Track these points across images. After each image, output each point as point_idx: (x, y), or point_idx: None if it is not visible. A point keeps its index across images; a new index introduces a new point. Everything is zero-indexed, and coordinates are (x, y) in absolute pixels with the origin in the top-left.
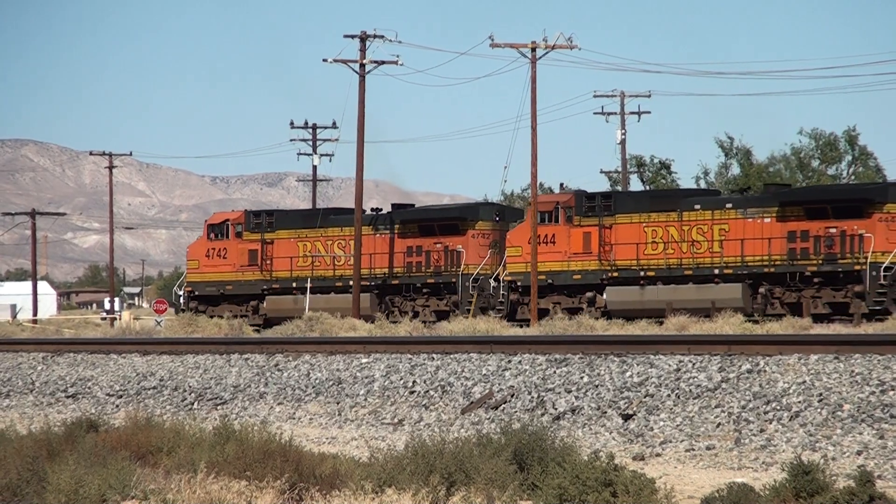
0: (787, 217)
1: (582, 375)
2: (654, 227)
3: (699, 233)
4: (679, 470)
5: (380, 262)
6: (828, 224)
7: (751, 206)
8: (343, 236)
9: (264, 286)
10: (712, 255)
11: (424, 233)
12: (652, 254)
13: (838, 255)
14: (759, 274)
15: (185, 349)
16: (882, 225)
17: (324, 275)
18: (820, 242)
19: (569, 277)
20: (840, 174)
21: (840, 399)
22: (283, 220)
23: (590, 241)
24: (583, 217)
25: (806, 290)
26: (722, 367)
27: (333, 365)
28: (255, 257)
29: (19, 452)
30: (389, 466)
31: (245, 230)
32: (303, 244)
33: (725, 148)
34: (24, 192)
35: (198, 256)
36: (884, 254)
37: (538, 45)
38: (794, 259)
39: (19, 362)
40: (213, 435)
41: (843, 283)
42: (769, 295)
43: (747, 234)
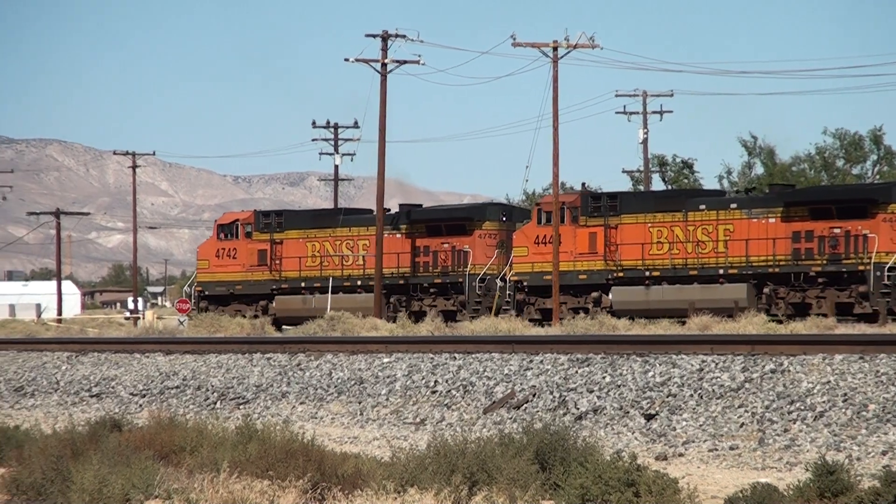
0: (791, 217)
1: (604, 375)
2: (659, 228)
3: (704, 233)
4: (702, 470)
5: (387, 262)
6: (832, 224)
7: (755, 207)
8: (352, 236)
9: (273, 286)
10: (717, 255)
11: (432, 233)
12: (657, 254)
13: (842, 255)
14: (764, 274)
15: (208, 349)
16: (886, 225)
17: (333, 274)
18: (824, 243)
19: (575, 277)
20: (865, 174)
21: (865, 399)
22: (292, 221)
23: (595, 241)
24: (589, 217)
25: (810, 290)
26: (745, 366)
27: (355, 364)
28: (265, 257)
29: (44, 452)
30: (411, 466)
31: (255, 230)
32: (311, 244)
33: (749, 147)
34: (49, 192)
35: (208, 256)
36: (888, 254)
37: (560, 45)
38: (799, 259)
39: (44, 362)
40: (236, 434)
41: (847, 283)
42: (774, 295)
43: (752, 235)
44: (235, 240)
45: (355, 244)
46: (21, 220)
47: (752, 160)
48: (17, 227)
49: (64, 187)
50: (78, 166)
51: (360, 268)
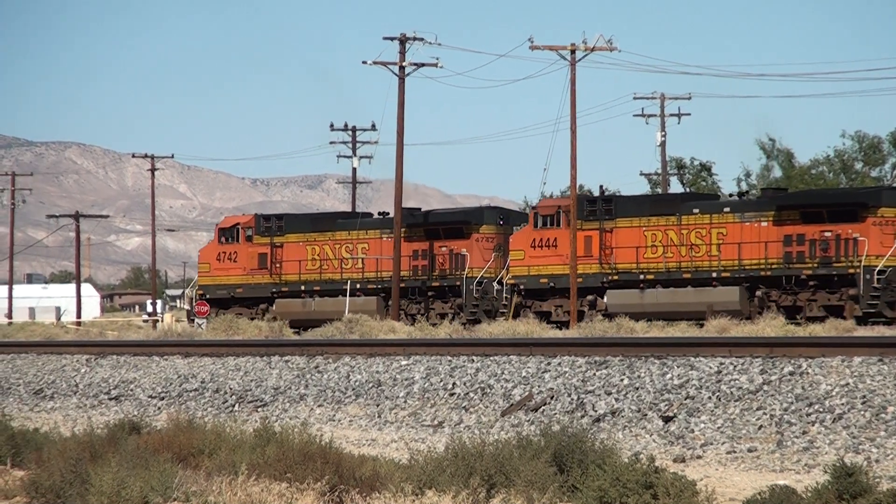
0: (783, 221)
1: (622, 377)
2: (653, 231)
3: (698, 236)
4: (720, 472)
5: (386, 266)
6: (823, 228)
7: (748, 210)
8: (351, 240)
9: (274, 289)
10: (710, 258)
11: (430, 236)
12: (652, 257)
13: (833, 258)
14: (756, 277)
15: (226, 351)
16: (876, 229)
17: (332, 277)
18: (815, 246)
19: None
20: (884, 176)
21: (884, 401)
22: (292, 224)
23: (591, 244)
24: (584, 221)
25: (802, 293)
26: (763, 369)
27: (373, 367)
28: (265, 261)
29: (63, 454)
30: (429, 468)
31: (255, 234)
32: (312, 248)
33: (767, 150)
34: (68, 195)
35: (209, 260)
36: (877, 257)
37: (578, 48)
38: (791, 262)
39: (63, 364)
40: (254, 437)
41: (837, 286)
42: (766, 298)
43: (745, 238)
44: (236, 243)
45: (355, 247)
46: (40, 222)
47: (770, 163)
48: (36, 229)
49: (83, 190)
50: (97, 169)
51: (360, 271)
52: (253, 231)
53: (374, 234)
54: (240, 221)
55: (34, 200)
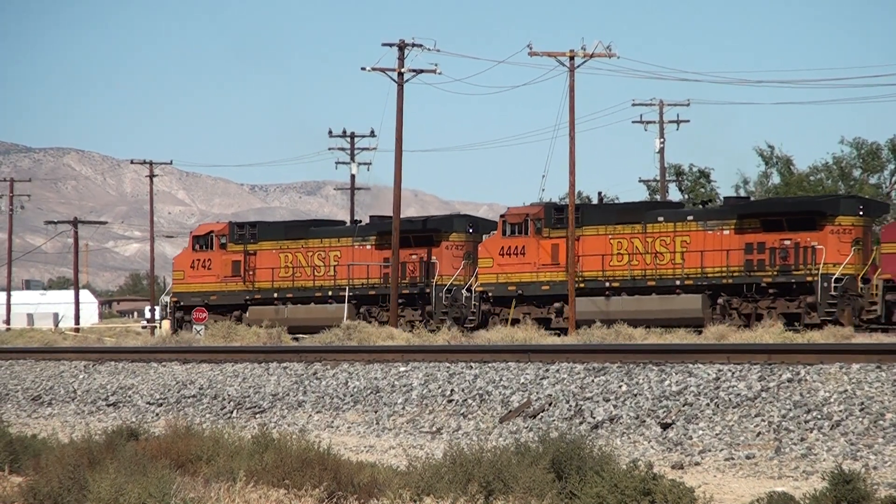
0: (744, 229)
1: (620, 384)
2: (619, 239)
3: (662, 245)
4: (718, 479)
5: (358, 273)
6: (783, 236)
7: (711, 219)
8: (323, 247)
9: (247, 296)
10: (674, 266)
11: (401, 244)
12: (617, 265)
13: (792, 266)
14: (718, 285)
15: (224, 358)
16: (833, 237)
17: (304, 285)
18: (775, 254)
19: (538, 288)
20: (883, 183)
21: (882, 408)
22: (265, 232)
23: (558, 252)
24: (552, 229)
25: (762, 300)
26: (762, 375)
27: (371, 373)
28: (239, 268)
29: (61, 461)
30: (427, 475)
31: (229, 241)
32: (284, 255)
33: (765, 157)
34: (67, 201)
35: (183, 267)
36: (835, 265)
37: (576, 54)
38: (751, 270)
39: (61, 371)
40: (252, 443)
41: (796, 293)
42: (727, 306)
43: (707, 246)
44: (210, 251)
45: (327, 255)
46: (39, 229)
47: (768, 170)
48: (34, 236)
49: (81, 196)
50: (95, 175)
51: (332, 279)
52: (227, 239)
53: (346, 241)
54: (213, 229)
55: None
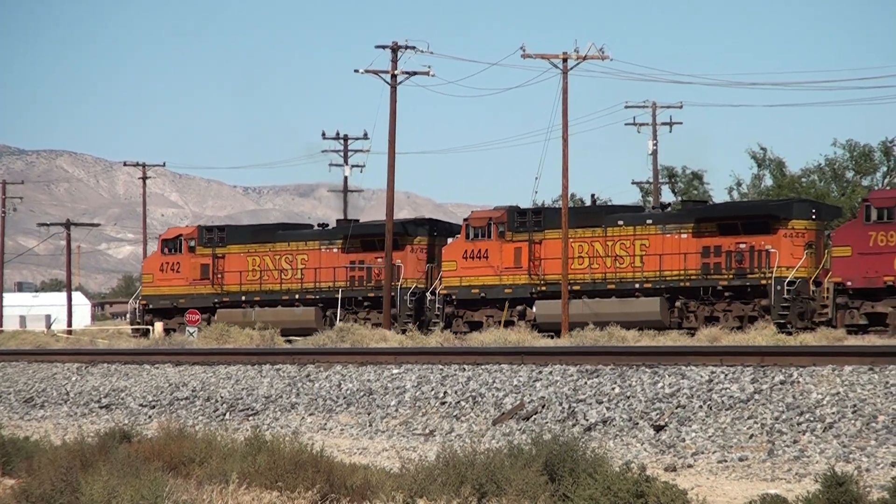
0: (702, 233)
1: (613, 386)
2: (580, 243)
3: (622, 248)
4: (711, 481)
5: (325, 276)
6: (738, 240)
7: (669, 223)
8: (290, 251)
9: (215, 299)
10: (634, 269)
11: (366, 248)
12: (578, 268)
13: (748, 269)
14: (676, 288)
15: (217, 360)
16: (787, 241)
17: (272, 288)
18: (731, 257)
19: (500, 291)
20: (875, 185)
21: (874, 410)
22: (233, 236)
23: (520, 255)
24: (514, 233)
25: (718, 303)
26: (755, 378)
27: (364, 375)
28: (207, 271)
29: (53, 463)
30: (420, 477)
31: (198, 245)
32: (252, 259)
33: (758, 159)
34: (59, 203)
35: (152, 270)
36: (788, 268)
37: (570, 56)
38: (708, 273)
39: (54, 373)
40: (245, 446)
41: (751, 296)
42: (685, 308)
43: (666, 250)
44: (179, 254)
45: (294, 258)
46: (31, 231)
47: (761, 172)
48: (27, 238)
49: (74, 198)
50: (88, 177)
51: (299, 282)
52: (195, 242)
53: (314, 244)
54: (182, 233)
55: (25, 209)
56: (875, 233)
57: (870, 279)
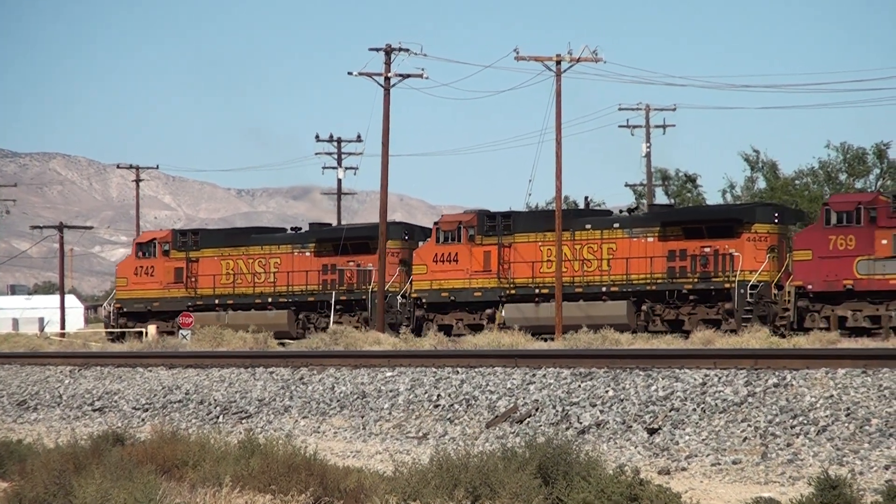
0: (667, 237)
1: (607, 389)
2: (549, 246)
3: (590, 252)
4: (705, 484)
5: (298, 280)
6: (703, 243)
7: (636, 226)
8: (263, 254)
9: (189, 303)
10: (601, 273)
11: (339, 251)
12: (547, 272)
13: (712, 273)
14: (643, 292)
15: (211, 363)
16: (750, 244)
17: (245, 292)
18: (696, 261)
19: (470, 294)
20: (868, 187)
21: (868, 413)
22: (207, 239)
23: (490, 259)
24: (484, 236)
25: (683, 306)
26: (748, 381)
27: (358, 378)
28: (181, 275)
29: (46, 466)
30: (414, 480)
31: (172, 249)
32: (226, 262)
33: (751, 162)
34: (52, 206)
35: (126, 274)
36: (751, 272)
37: (563, 58)
38: (674, 277)
39: (47, 376)
40: (238, 448)
41: (715, 300)
42: (651, 312)
43: (633, 253)
44: (153, 258)
45: (267, 262)
46: (24, 233)
47: (754, 174)
48: (20, 240)
49: (67, 201)
50: (81, 180)
51: (272, 285)
52: (170, 246)
53: (286, 248)
54: (156, 237)
55: (18, 211)
56: (835, 237)
57: (830, 283)
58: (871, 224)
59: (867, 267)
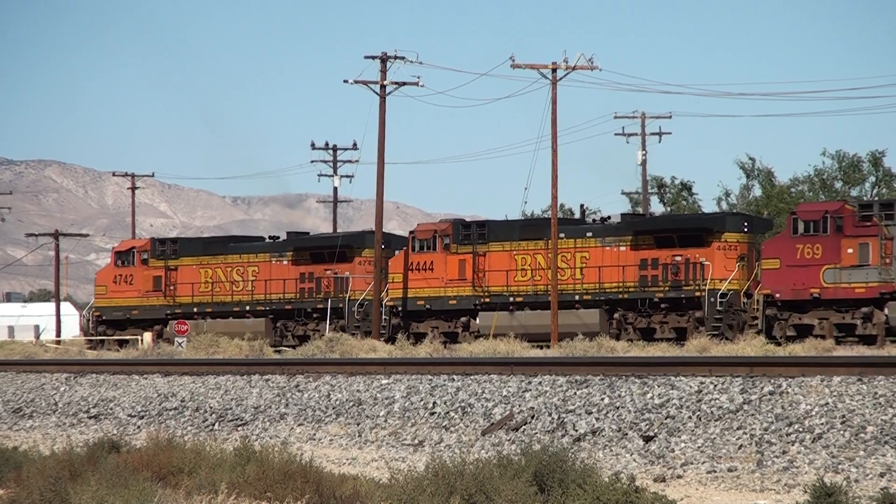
0: (639, 246)
1: (602, 397)
2: (523, 255)
3: (563, 260)
4: (700, 492)
5: (276, 288)
6: (674, 252)
7: (609, 235)
8: (242, 263)
9: (168, 311)
10: (574, 281)
11: (316, 260)
12: (521, 280)
13: (683, 282)
14: (615, 300)
15: (206, 370)
16: (720, 253)
17: (223, 300)
18: (667, 270)
19: (445, 303)
20: (864, 195)
21: (863, 421)
22: (186, 248)
23: (465, 268)
24: (459, 245)
25: (655, 315)
26: (744, 388)
27: (354, 386)
28: (160, 283)
29: (42, 473)
30: (410, 487)
31: (151, 257)
32: (204, 270)
33: (747, 169)
34: (48, 214)
35: (106, 282)
36: (721, 280)
37: (559, 66)
38: (645, 286)
39: (42, 383)
40: (234, 456)
41: (686, 308)
42: (623, 320)
43: (605, 262)
44: (132, 266)
45: (245, 270)
46: (20, 241)
47: (750, 182)
48: (15, 248)
49: (63, 209)
50: (77, 188)
51: (249, 294)
52: (148, 254)
53: (264, 256)
54: (135, 245)
55: (13, 219)
56: (802, 245)
57: (797, 291)
58: (837, 233)
59: (833, 275)
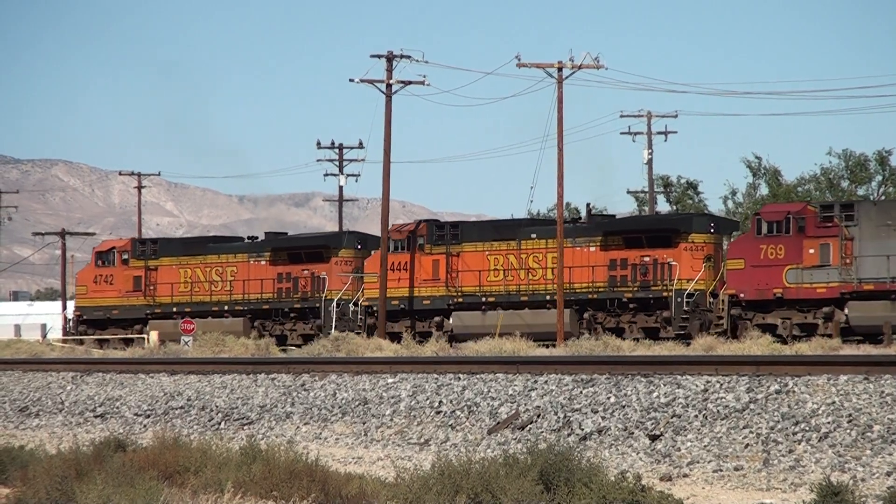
0: (609, 246)
1: (609, 396)
2: (495, 256)
3: (535, 261)
4: (707, 490)
5: (254, 288)
6: (643, 253)
7: (579, 236)
8: (220, 263)
9: (148, 311)
10: (546, 281)
11: (293, 260)
12: (494, 280)
13: (651, 282)
14: (585, 300)
15: (212, 369)
16: (687, 254)
17: (202, 300)
18: (636, 270)
19: (419, 303)
20: (870, 194)
21: (870, 420)
22: (166, 248)
23: (438, 268)
24: (433, 245)
25: (624, 315)
26: (750, 387)
27: (359, 385)
28: (140, 283)
29: (48, 472)
30: (416, 486)
31: (131, 257)
32: (184, 270)
33: (753, 168)
34: (54, 213)
35: (86, 282)
36: (688, 281)
37: (565, 65)
38: (615, 286)
39: (49, 382)
40: (240, 455)
41: (654, 308)
42: (593, 320)
43: (576, 262)
44: (112, 266)
45: (224, 270)
46: (26, 240)
47: (756, 181)
48: (22, 247)
49: (69, 208)
50: (83, 187)
51: (228, 294)
52: (129, 255)
53: (243, 256)
54: (116, 245)
55: (20, 218)
56: (766, 246)
57: (760, 291)
58: (799, 234)
59: (795, 276)
